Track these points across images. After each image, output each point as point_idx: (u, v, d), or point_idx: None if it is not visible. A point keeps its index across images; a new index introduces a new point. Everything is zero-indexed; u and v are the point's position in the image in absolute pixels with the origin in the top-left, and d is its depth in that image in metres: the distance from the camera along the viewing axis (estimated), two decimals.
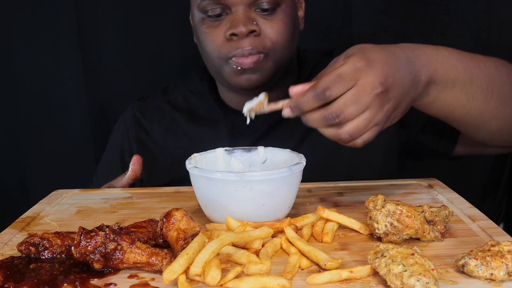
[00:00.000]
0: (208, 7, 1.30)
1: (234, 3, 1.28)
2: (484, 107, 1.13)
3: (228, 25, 1.29)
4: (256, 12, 1.30)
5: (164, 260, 0.80)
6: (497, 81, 1.14)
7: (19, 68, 1.87)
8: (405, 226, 0.87)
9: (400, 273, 0.72)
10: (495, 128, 1.20)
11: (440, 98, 1.07)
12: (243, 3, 1.28)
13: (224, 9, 1.30)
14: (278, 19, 1.31)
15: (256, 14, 1.30)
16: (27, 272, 0.82)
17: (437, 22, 1.80)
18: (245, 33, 1.27)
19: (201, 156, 1.09)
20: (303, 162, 1.00)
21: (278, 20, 1.31)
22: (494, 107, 1.14)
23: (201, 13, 1.33)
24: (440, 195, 1.14)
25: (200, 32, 1.35)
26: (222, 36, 1.31)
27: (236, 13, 1.29)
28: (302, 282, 0.77)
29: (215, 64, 1.36)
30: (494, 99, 1.14)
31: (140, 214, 1.09)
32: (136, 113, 1.56)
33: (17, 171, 1.95)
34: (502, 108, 1.16)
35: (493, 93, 1.13)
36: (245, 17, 1.28)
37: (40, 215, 1.10)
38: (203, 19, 1.33)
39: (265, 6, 1.29)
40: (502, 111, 1.16)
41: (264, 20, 1.30)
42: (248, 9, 1.29)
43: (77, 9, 1.82)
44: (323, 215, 0.94)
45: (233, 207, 0.96)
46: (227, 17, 1.30)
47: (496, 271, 0.75)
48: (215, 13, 1.30)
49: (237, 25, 1.27)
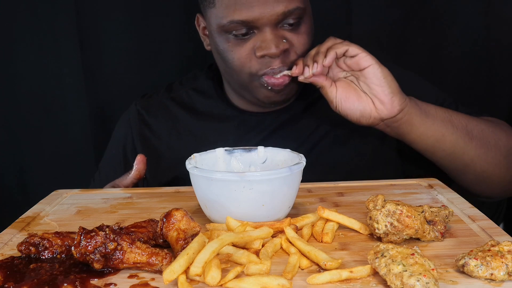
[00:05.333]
0: (235, 29, 1.28)
1: (263, 24, 1.26)
2: (466, 143, 1.26)
3: (258, 44, 1.28)
4: (283, 28, 1.29)
5: (164, 260, 0.80)
6: (475, 124, 1.28)
7: (19, 68, 1.87)
8: (405, 226, 0.87)
9: (400, 273, 0.72)
10: (480, 170, 1.29)
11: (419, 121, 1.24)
12: (271, 23, 1.27)
13: (251, 29, 1.28)
14: (302, 31, 1.32)
15: (283, 30, 1.30)
16: (27, 272, 0.82)
17: (437, 22, 1.80)
18: (278, 54, 1.28)
19: (201, 156, 1.09)
20: (303, 162, 1.00)
21: (303, 33, 1.32)
22: (476, 147, 1.26)
23: (225, 33, 1.30)
24: (440, 195, 1.14)
25: (225, 50, 1.32)
26: (250, 54, 1.30)
27: (265, 33, 1.27)
28: (302, 282, 0.77)
29: (243, 80, 1.35)
30: (475, 140, 1.26)
31: (140, 214, 1.08)
32: (140, 109, 1.55)
33: (17, 171, 1.95)
34: (484, 150, 1.27)
35: (473, 132, 1.27)
36: (275, 37, 1.27)
37: (40, 215, 1.10)
38: (227, 39, 1.31)
39: (291, 22, 1.29)
40: (484, 152, 1.27)
41: (292, 34, 1.30)
42: (276, 27, 1.28)
43: (77, 9, 1.82)
44: (323, 215, 0.94)
45: (233, 207, 0.96)
46: (255, 36, 1.29)
47: (496, 271, 0.75)
48: (241, 33, 1.29)
49: (269, 46, 1.26)
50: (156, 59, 1.89)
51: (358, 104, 1.24)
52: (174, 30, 1.85)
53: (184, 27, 1.77)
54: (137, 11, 1.85)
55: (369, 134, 1.41)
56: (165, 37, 1.87)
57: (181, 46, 1.87)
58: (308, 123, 1.44)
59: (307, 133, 1.43)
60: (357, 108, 1.24)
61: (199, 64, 1.64)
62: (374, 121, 1.25)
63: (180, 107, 1.53)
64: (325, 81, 1.25)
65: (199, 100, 1.53)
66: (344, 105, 1.25)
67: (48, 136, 1.91)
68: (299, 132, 1.44)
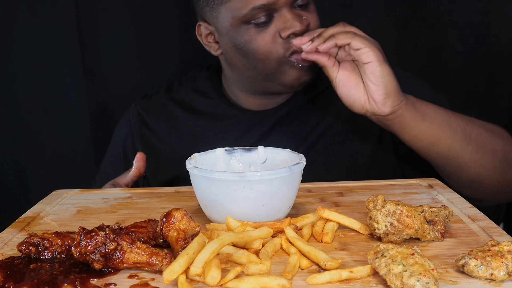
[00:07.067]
0: (256, 16, 1.30)
1: (281, 5, 1.29)
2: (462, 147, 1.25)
3: (281, 26, 1.30)
4: (297, 9, 1.33)
5: (164, 260, 0.80)
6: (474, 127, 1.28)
7: (19, 68, 1.87)
8: (405, 226, 0.87)
9: (400, 273, 0.72)
10: (474, 174, 1.29)
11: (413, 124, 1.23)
12: (287, 4, 1.30)
13: (271, 14, 1.30)
14: (312, 11, 1.36)
15: (298, 10, 1.33)
16: (27, 272, 0.82)
17: (437, 22, 1.80)
18: (304, 30, 1.29)
19: (201, 156, 1.09)
20: (303, 162, 1.00)
21: (313, 12, 1.36)
22: (472, 151, 1.26)
23: (245, 24, 1.32)
24: (440, 195, 1.14)
25: (246, 41, 1.33)
26: (275, 38, 1.31)
27: (284, 15, 1.30)
28: (302, 282, 0.77)
29: (271, 67, 1.35)
30: (472, 144, 1.26)
31: (140, 214, 1.08)
32: (140, 110, 1.56)
33: (17, 171, 1.94)
34: (480, 154, 1.27)
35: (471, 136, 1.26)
36: (296, 15, 1.31)
37: (40, 215, 1.10)
38: (247, 29, 1.32)
39: (301, 2, 1.32)
40: (480, 157, 1.27)
41: (306, 13, 1.33)
42: (291, 8, 1.31)
43: (77, 9, 1.82)
44: (323, 215, 0.94)
45: (233, 207, 0.96)
46: (275, 20, 1.31)
47: (496, 271, 0.75)
48: (261, 21, 1.30)
49: (294, 25, 1.29)
50: (156, 59, 1.89)
51: (354, 92, 1.23)
52: (174, 30, 1.86)
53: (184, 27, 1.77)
54: (137, 11, 1.85)
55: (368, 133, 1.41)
56: (165, 37, 1.87)
57: (181, 47, 1.87)
58: (307, 120, 1.45)
59: (307, 130, 1.44)
60: (352, 95, 1.24)
61: (199, 64, 1.65)
62: (366, 113, 1.25)
63: (180, 107, 1.53)
64: (327, 61, 1.24)
65: (198, 100, 1.53)
66: (341, 89, 1.24)
67: (48, 136, 1.91)
68: (299, 129, 1.44)
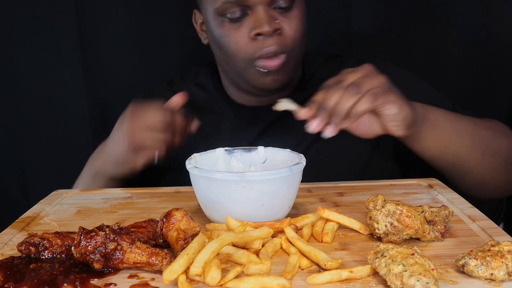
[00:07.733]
0: (229, 10, 1.29)
1: (255, 3, 1.27)
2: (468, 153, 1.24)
3: (251, 25, 1.28)
4: (275, 10, 1.30)
5: (164, 260, 0.80)
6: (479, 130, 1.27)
7: (19, 68, 1.86)
8: (405, 226, 0.87)
9: (400, 273, 0.72)
10: (480, 176, 1.29)
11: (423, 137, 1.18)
12: (263, 3, 1.28)
13: (244, 10, 1.29)
14: (294, 16, 1.31)
15: (275, 12, 1.30)
16: (27, 272, 0.82)
17: (437, 22, 1.80)
18: (271, 32, 1.27)
19: (201, 156, 1.09)
20: (303, 162, 1.00)
21: (295, 18, 1.31)
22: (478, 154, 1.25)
23: (220, 17, 1.31)
24: (440, 195, 1.15)
25: (220, 35, 1.33)
26: (245, 37, 1.30)
27: (257, 13, 1.28)
28: (302, 282, 0.77)
29: (239, 66, 1.34)
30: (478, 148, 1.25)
31: (140, 214, 1.09)
32: None
33: (17, 171, 1.95)
34: (485, 157, 1.26)
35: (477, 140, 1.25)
36: (268, 16, 1.28)
37: (40, 215, 1.10)
38: (222, 22, 1.31)
39: (283, 5, 1.29)
40: (485, 160, 1.26)
41: (283, 18, 1.30)
42: (268, 7, 1.29)
43: (77, 9, 1.82)
44: (323, 215, 0.94)
45: (233, 207, 0.96)
46: (248, 18, 1.29)
47: (496, 271, 0.75)
48: (235, 16, 1.29)
49: (262, 25, 1.27)
50: (156, 59, 1.89)
51: (369, 131, 1.16)
52: (174, 30, 1.85)
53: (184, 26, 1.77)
54: (137, 10, 1.85)
55: None
56: (165, 36, 1.87)
57: (181, 46, 1.86)
58: None
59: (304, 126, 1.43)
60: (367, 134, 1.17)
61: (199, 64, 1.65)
62: None
63: None
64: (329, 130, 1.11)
65: (199, 94, 1.54)
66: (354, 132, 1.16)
67: (48, 136, 1.91)
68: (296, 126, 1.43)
